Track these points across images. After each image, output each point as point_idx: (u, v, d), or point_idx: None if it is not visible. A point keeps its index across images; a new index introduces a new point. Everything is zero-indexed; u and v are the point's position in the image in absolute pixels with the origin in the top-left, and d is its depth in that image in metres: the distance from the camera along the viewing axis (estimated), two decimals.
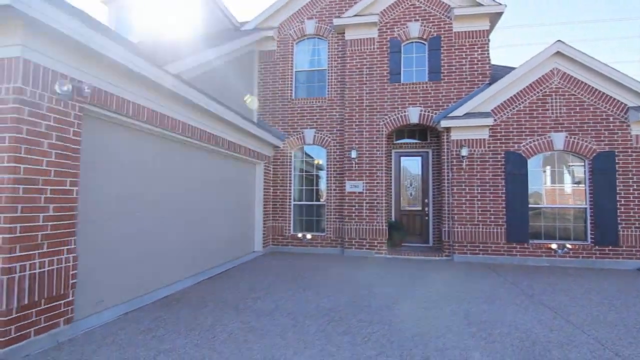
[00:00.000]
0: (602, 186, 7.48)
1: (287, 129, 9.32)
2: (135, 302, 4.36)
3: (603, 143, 7.56)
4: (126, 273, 4.24)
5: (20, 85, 2.90)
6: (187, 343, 3.30)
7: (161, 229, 4.92)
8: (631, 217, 7.35)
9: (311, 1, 9.38)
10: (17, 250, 2.88)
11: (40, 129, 3.06)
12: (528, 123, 7.81)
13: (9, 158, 2.85)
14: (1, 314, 2.78)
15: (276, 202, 9.23)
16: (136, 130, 4.47)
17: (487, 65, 8.34)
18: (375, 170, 8.58)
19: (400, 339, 3.48)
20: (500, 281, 5.98)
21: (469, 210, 7.86)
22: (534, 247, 7.59)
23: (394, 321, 3.98)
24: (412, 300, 4.84)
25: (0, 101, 2.88)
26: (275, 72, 9.47)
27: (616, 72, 7.44)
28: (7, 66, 2.90)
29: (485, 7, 8.18)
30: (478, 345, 3.34)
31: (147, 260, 4.64)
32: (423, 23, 8.61)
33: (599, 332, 3.70)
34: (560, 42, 7.63)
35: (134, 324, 3.77)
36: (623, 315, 4.27)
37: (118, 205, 4.11)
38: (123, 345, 3.22)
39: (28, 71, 2.95)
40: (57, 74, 3.19)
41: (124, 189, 4.22)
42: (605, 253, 7.41)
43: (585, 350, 3.27)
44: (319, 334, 3.58)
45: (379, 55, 8.76)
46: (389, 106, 8.65)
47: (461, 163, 7.93)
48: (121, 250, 4.16)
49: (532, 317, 4.19)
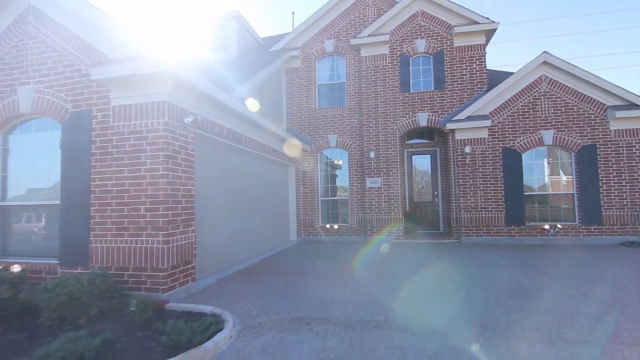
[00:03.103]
0: (586, 174, 8.80)
1: (312, 135, 10.77)
2: (221, 273, 5.83)
3: (586, 137, 8.88)
4: (216, 251, 5.72)
5: (167, 119, 4.38)
6: (265, 293, 4.76)
7: (233, 220, 6.40)
8: (612, 199, 8.66)
9: (329, 24, 10.83)
10: (169, 229, 4.37)
11: (176, 147, 4.54)
12: (521, 123, 9.15)
13: (163, 168, 4.33)
14: (164, 270, 4.27)
15: (306, 198, 10.68)
16: (218, 144, 5.95)
17: (484, 74, 9.70)
18: (391, 168, 9.99)
19: (420, 288, 4.91)
20: (500, 254, 7.36)
21: (473, 199, 9.23)
22: (530, 229, 8.94)
23: (411, 281, 5.41)
24: (427, 268, 6.25)
25: (156, 130, 4.37)
26: (301, 85, 10.93)
27: (595, 77, 8.76)
28: (159, 107, 4.38)
29: (481, 25, 9.54)
30: (481, 289, 4.75)
31: (227, 243, 6.11)
32: (428, 40, 10.00)
33: (569, 281, 5.08)
34: (546, 53, 8.96)
35: (230, 284, 5.25)
36: (591, 272, 5.64)
37: (211, 200, 5.59)
38: (233, 292, 4.70)
39: (170, 110, 4.44)
40: (185, 110, 4.68)
41: (214, 187, 5.70)
42: (591, 231, 8.73)
43: (554, 289, 4.66)
44: (340, 284, 5.03)
45: (391, 69, 10.16)
46: (400, 112, 10.05)
47: (465, 159, 9.30)
48: (213, 234, 5.64)
49: (521, 274, 5.58)
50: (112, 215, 4.47)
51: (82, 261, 4.53)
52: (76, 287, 3.62)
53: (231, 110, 5.83)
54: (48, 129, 5.04)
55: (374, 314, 3.84)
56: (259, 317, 3.82)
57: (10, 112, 5.05)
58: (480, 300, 4.28)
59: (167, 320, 3.46)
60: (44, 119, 5.07)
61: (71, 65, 4.79)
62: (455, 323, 3.54)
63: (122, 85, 4.44)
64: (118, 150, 4.48)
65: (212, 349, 3.05)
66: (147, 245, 4.31)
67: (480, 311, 3.88)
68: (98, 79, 4.40)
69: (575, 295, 4.41)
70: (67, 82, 4.77)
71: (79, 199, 4.58)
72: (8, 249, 5.13)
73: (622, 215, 8.58)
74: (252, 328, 3.54)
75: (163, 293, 4.28)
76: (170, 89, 4.42)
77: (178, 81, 4.44)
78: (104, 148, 4.55)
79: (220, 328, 3.38)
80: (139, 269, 4.33)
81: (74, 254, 4.56)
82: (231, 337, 3.32)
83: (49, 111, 4.84)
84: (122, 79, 4.36)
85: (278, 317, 3.83)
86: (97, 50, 4.67)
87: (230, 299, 4.46)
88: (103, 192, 4.52)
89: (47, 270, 4.70)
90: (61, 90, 4.78)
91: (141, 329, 3.47)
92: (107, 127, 4.55)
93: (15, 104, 5.01)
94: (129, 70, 4.24)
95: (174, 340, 3.12)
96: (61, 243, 4.64)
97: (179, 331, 3.20)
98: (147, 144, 4.38)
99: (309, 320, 3.70)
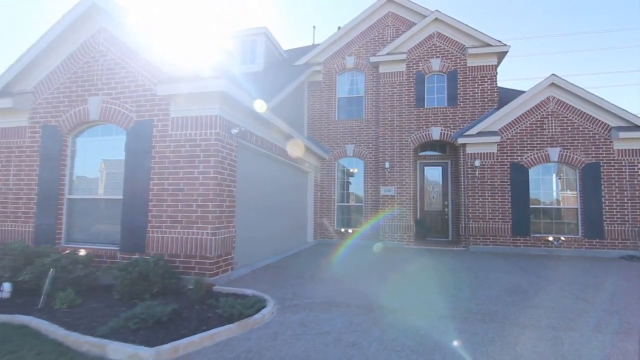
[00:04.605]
0: (590, 190, 9.33)
1: (331, 144, 11.52)
2: (252, 266, 6.56)
3: (590, 156, 9.42)
4: (248, 246, 6.45)
5: (217, 130, 5.16)
6: (295, 282, 5.46)
7: (262, 220, 7.14)
8: (614, 215, 9.16)
9: (350, 42, 11.64)
10: (216, 223, 5.12)
11: (223, 154, 5.32)
12: (529, 140, 9.74)
13: (213, 171, 5.10)
14: (211, 258, 5.02)
15: (322, 203, 11.40)
16: (252, 151, 6.72)
17: (495, 93, 10.35)
18: (404, 178, 10.65)
19: (429, 285, 5.56)
20: (504, 262, 7.93)
21: (481, 210, 9.81)
22: (535, 240, 9.47)
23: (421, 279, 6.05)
24: (436, 270, 6.88)
25: (208, 139, 5.15)
26: (322, 98, 11.72)
27: (600, 99, 9.33)
28: (212, 120, 5.17)
29: (493, 48, 10.22)
30: (485, 288, 5.38)
31: (257, 240, 6.85)
32: (442, 59, 10.71)
33: (564, 286, 5.66)
34: (554, 75, 9.57)
35: (261, 275, 5.97)
36: (587, 280, 6.19)
37: (246, 201, 6.34)
38: (265, 281, 5.42)
39: (220, 122, 5.23)
40: (231, 122, 5.47)
41: (248, 190, 6.45)
42: (593, 244, 9.22)
43: (550, 291, 5.26)
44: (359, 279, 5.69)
45: (407, 85, 10.88)
46: (415, 126, 10.74)
47: (475, 172, 9.92)
48: (246, 231, 6.38)
49: (522, 278, 6.17)
50: (167, 210, 5.25)
51: (139, 248, 5.31)
52: (145, 267, 4.39)
53: (267, 122, 6.61)
54: (112, 133, 5.88)
55: (390, 302, 4.51)
56: (292, 300, 4.53)
57: (80, 118, 5.91)
58: (483, 296, 4.91)
59: (219, 298, 4.20)
60: (109, 125, 5.91)
61: (136, 81, 5.63)
62: (459, 311, 4.19)
63: (181, 100, 5.25)
64: (175, 155, 5.28)
65: (260, 320, 3.76)
66: (197, 237, 5.07)
67: (482, 304, 4.51)
68: (162, 95, 5.22)
69: (568, 296, 5.00)
70: (132, 95, 5.61)
71: (139, 195, 5.38)
72: (73, 235, 5.95)
73: (623, 230, 9.07)
74: (289, 308, 4.25)
75: (209, 278, 5.02)
76: (220, 104, 5.21)
77: (228, 99, 5.24)
78: (163, 152, 5.35)
79: (263, 306, 4.09)
80: (189, 256, 5.09)
81: (133, 241, 5.35)
82: (273, 313, 4.03)
83: (115, 119, 5.68)
84: (181, 95, 5.18)
85: (309, 301, 4.53)
86: (159, 69, 5.50)
87: (264, 286, 5.17)
88: (160, 190, 5.31)
89: (107, 255, 5.49)
90: (127, 102, 5.62)
91: (198, 304, 4.20)
92: (165, 135, 5.36)
93: (85, 112, 5.87)
94: (188, 89, 5.06)
95: (228, 313, 3.84)
96: (122, 232, 5.44)
97: (231, 306, 3.92)
98: (200, 151, 5.17)
99: (335, 304, 4.39)
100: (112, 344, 3.07)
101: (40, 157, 6.06)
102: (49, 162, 6.01)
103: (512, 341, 3.33)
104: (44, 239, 5.85)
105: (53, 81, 6.14)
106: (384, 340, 3.32)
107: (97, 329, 3.45)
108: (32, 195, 6.04)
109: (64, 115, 5.99)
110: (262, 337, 3.40)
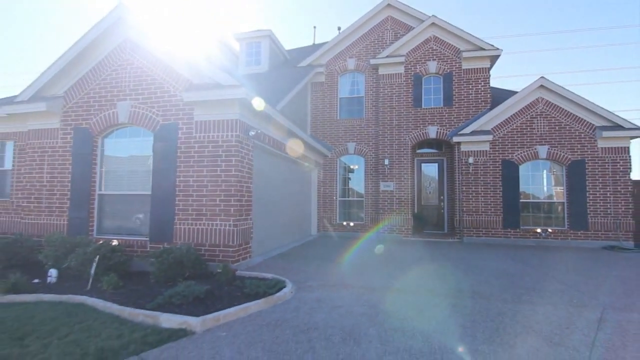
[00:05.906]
0: (575, 185, 10.02)
1: (333, 142, 12.13)
2: (265, 255, 7.19)
3: (576, 153, 10.10)
4: (262, 237, 7.09)
5: (237, 132, 5.77)
6: (306, 269, 6.11)
7: (273, 213, 7.77)
8: (597, 208, 9.86)
9: (351, 44, 12.22)
10: (237, 216, 5.75)
11: (242, 154, 5.93)
12: (519, 138, 10.40)
13: (234, 169, 5.72)
14: (233, 247, 5.66)
15: (325, 198, 12.04)
16: (265, 151, 7.33)
17: (488, 94, 10.99)
18: (402, 174, 11.30)
19: (426, 270, 6.22)
20: (495, 251, 8.62)
21: (475, 204, 10.49)
22: (524, 231, 10.17)
23: (419, 266, 6.72)
24: (432, 259, 7.56)
25: (229, 140, 5.76)
26: (324, 98, 12.32)
27: (586, 100, 9.99)
28: (232, 123, 5.77)
29: (486, 51, 10.84)
30: (474, 273, 6.06)
31: (269, 231, 7.49)
32: (439, 62, 11.32)
33: (547, 271, 6.34)
34: (543, 78, 10.22)
35: (275, 263, 6.61)
36: (568, 266, 6.89)
37: (260, 196, 6.96)
38: (280, 268, 6.07)
39: (240, 126, 5.83)
40: (249, 125, 6.08)
41: (262, 186, 7.07)
42: (578, 236, 9.94)
43: (534, 276, 5.94)
44: (363, 266, 6.36)
45: (405, 86, 11.49)
46: (412, 125, 11.37)
47: (468, 169, 10.58)
48: (261, 223, 7.01)
49: (510, 265, 6.86)
50: (192, 204, 5.87)
51: (167, 238, 5.93)
52: (179, 254, 5.01)
53: (277, 124, 7.22)
54: (140, 135, 6.47)
55: (392, 284, 5.18)
56: (307, 282, 5.18)
57: (110, 121, 6.48)
58: (474, 280, 5.58)
59: (244, 280, 4.83)
60: (136, 128, 6.49)
61: (162, 87, 6.21)
62: (452, 290, 4.86)
63: (204, 106, 5.85)
64: (199, 155, 5.88)
65: (282, 297, 4.40)
66: (220, 228, 5.70)
67: (472, 285, 5.19)
68: (187, 101, 5.81)
69: (549, 280, 5.69)
70: (158, 100, 6.19)
71: (166, 190, 5.99)
72: (103, 228, 6.55)
73: (606, 222, 9.78)
74: (305, 288, 4.90)
75: (232, 264, 5.65)
76: (240, 109, 5.81)
77: (246, 104, 5.84)
78: (188, 153, 5.95)
79: (283, 286, 4.73)
80: (214, 245, 5.72)
81: (162, 232, 5.97)
82: (292, 292, 4.68)
83: (142, 122, 6.26)
84: (205, 102, 5.77)
85: (321, 282, 5.19)
86: (183, 76, 6.08)
87: (280, 272, 5.81)
88: (186, 186, 5.92)
89: (138, 245, 6.11)
90: (153, 107, 6.21)
91: (226, 285, 4.84)
92: (190, 137, 5.96)
93: (114, 115, 6.45)
94: (211, 96, 5.65)
95: (254, 292, 4.47)
96: (151, 224, 6.05)
97: (256, 286, 4.55)
98: (222, 151, 5.77)
99: (345, 285, 5.05)
100: (164, 315, 3.70)
101: (73, 156, 6.64)
102: (80, 161, 6.59)
103: (495, 312, 4.00)
104: (77, 231, 6.44)
105: (83, 87, 6.70)
106: (388, 312, 3.98)
107: (145, 305, 4.07)
108: (66, 191, 6.63)
109: (94, 118, 6.56)
110: (286, 310, 4.05)
